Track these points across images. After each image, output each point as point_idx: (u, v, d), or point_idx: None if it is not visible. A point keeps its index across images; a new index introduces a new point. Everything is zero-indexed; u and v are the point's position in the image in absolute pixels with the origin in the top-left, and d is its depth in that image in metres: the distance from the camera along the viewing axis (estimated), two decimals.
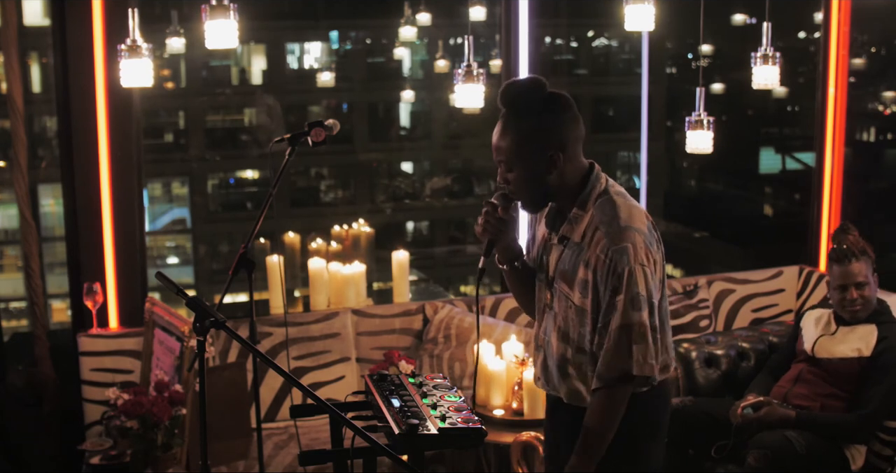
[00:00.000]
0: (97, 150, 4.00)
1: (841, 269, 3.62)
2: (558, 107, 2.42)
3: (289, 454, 3.79)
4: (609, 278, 2.34)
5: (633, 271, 2.32)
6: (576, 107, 2.45)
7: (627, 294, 2.32)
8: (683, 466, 3.73)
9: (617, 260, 2.33)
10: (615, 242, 2.34)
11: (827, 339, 3.69)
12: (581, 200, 2.44)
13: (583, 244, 2.41)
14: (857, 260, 3.60)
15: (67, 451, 4.01)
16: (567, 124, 2.42)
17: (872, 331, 3.61)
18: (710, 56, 15.67)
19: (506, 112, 2.43)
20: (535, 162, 2.40)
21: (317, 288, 4.61)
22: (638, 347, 2.34)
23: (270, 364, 2.13)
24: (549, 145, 2.39)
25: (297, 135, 2.88)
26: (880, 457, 3.58)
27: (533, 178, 2.42)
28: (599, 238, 2.37)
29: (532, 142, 2.39)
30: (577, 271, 2.41)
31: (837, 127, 5.09)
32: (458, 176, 19.16)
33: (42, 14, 14.07)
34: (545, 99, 2.41)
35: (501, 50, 4.63)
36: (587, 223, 2.41)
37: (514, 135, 2.40)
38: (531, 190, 2.44)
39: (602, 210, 2.40)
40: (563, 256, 2.46)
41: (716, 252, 17.54)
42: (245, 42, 18.48)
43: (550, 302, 2.52)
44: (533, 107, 2.40)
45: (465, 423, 2.38)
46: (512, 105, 2.42)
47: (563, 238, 2.46)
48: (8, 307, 16.79)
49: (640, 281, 2.33)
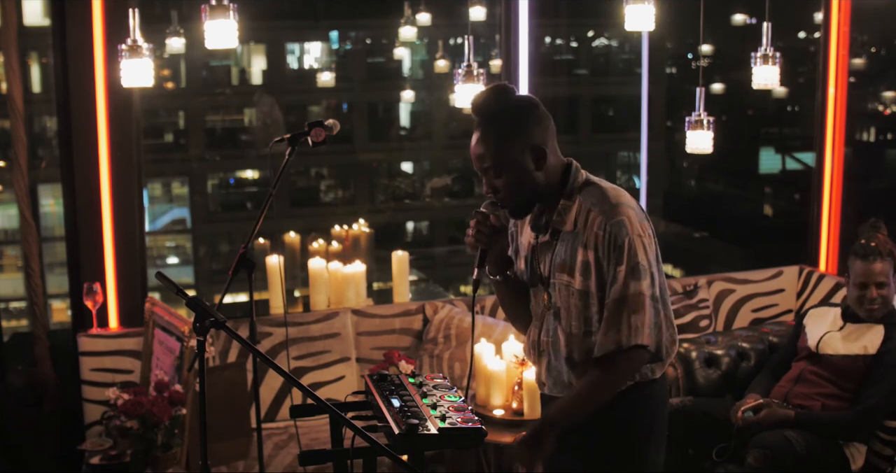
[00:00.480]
0: (97, 150, 4.00)
1: (865, 266, 3.60)
2: (527, 106, 2.46)
3: (289, 454, 3.79)
4: (611, 252, 2.37)
5: (633, 242, 2.36)
6: (542, 105, 2.49)
7: (628, 263, 2.35)
8: (683, 466, 3.73)
9: (616, 232, 2.36)
10: (611, 217, 2.38)
11: (833, 336, 3.68)
12: (567, 192, 2.46)
13: (577, 230, 2.43)
14: (882, 260, 3.58)
15: (67, 451, 4.01)
16: (542, 120, 2.45)
17: (879, 331, 3.61)
18: (710, 56, 15.68)
19: (480, 120, 2.46)
20: (522, 162, 2.42)
21: (317, 288, 4.61)
22: (635, 316, 2.35)
23: (270, 364, 2.13)
24: (532, 141, 2.42)
25: (297, 135, 2.88)
26: (880, 457, 3.58)
27: (523, 178, 2.43)
28: (594, 217, 2.40)
29: (515, 140, 2.42)
30: (577, 256, 2.42)
31: (837, 127, 5.09)
32: (459, 176, 19.16)
33: (42, 14, 14.07)
34: (515, 100, 2.46)
35: (501, 50, 4.63)
36: (576, 210, 2.44)
37: (496, 138, 2.42)
38: (521, 192, 2.46)
39: (590, 194, 2.44)
40: (557, 250, 2.47)
41: (716, 252, 17.54)
42: (245, 42, 18.49)
43: (549, 301, 2.52)
44: (507, 109, 2.43)
45: (465, 423, 2.38)
46: (485, 111, 2.45)
47: (555, 232, 2.48)
48: (8, 307, 16.79)
49: (639, 251, 2.36)
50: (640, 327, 2.35)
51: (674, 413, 3.70)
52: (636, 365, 2.42)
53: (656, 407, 2.54)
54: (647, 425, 2.52)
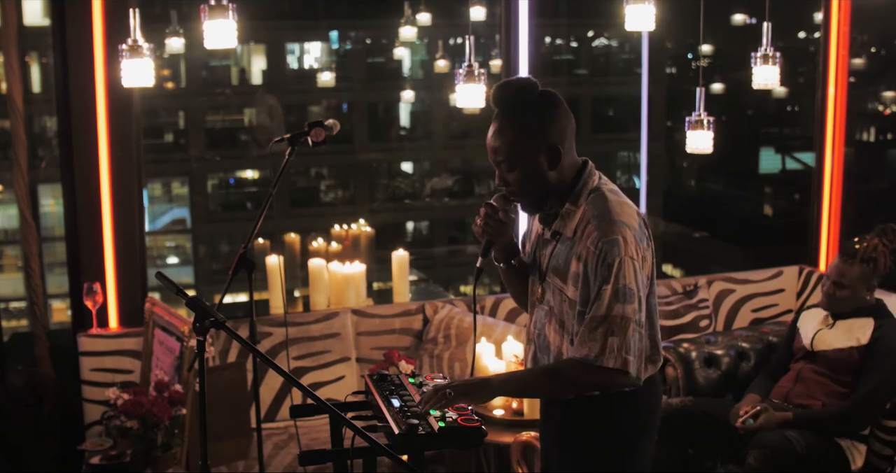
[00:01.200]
0: (97, 150, 4.00)
1: (836, 263, 3.68)
2: (551, 102, 2.42)
3: (289, 454, 3.79)
4: (599, 269, 2.34)
5: (623, 263, 2.32)
6: (565, 103, 2.47)
7: (615, 284, 2.32)
8: (683, 466, 3.73)
9: (607, 251, 2.33)
10: (606, 235, 2.34)
11: (825, 332, 3.72)
12: (573, 196, 2.44)
13: (574, 239, 2.41)
14: (854, 265, 3.63)
15: (67, 451, 4.01)
16: (561, 118, 2.43)
17: (869, 323, 3.64)
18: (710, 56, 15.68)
19: (500, 112, 2.43)
20: (536, 159, 2.40)
21: (317, 288, 4.61)
22: (614, 338, 2.32)
23: (270, 364, 2.13)
24: (549, 140, 2.40)
25: (297, 135, 2.88)
26: (880, 457, 3.58)
27: (535, 176, 2.42)
28: (591, 231, 2.37)
29: (532, 138, 2.39)
30: (570, 265, 2.41)
31: (837, 127, 5.09)
32: (461, 177, 19.16)
33: (42, 14, 14.07)
34: (538, 96, 2.42)
35: (501, 50, 4.63)
36: (579, 218, 2.42)
37: (513, 132, 2.39)
38: (533, 189, 2.44)
39: (594, 205, 2.41)
40: (556, 251, 2.46)
41: (716, 252, 17.55)
42: (245, 42, 18.49)
43: (542, 296, 2.52)
44: (528, 105, 2.40)
45: (465, 423, 2.38)
46: (506, 104, 2.42)
47: (556, 233, 2.47)
48: (8, 307, 16.79)
49: (628, 273, 2.33)
50: (615, 350, 2.32)
51: (674, 413, 3.71)
52: (597, 383, 2.38)
53: (648, 408, 2.54)
54: (638, 425, 2.51)
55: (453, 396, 2.37)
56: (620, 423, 2.47)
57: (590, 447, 2.50)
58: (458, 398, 2.38)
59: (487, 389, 2.42)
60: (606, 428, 2.47)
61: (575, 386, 2.41)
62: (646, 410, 2.53)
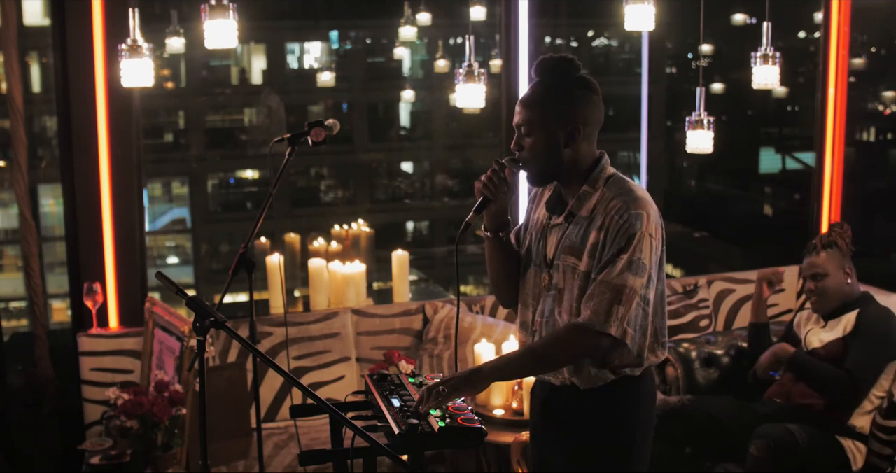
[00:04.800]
0: (97, 150, 4.01)
1: (805, 262, 3.78)
2: (588, 87, 2.47)
3: (289, 454, 3.79)
4: (618, 238, 2.36)
5: (643, 238, 2.36)
6: (601, 94, 2.50)
7: (631, 255, 2.35)
8: (683, 466, 3.73)
9: (631, 223, 2.36)
10: (632, 207, 2.38)
11: (815, 331, 3.80)
12: (592, 179, 2.47)
13: (594, 215, 2.43)
14: (819, 253, 3.74)
15: (67, 451, 4.01)
16: (593, 104, 2.47)
17: (853, 314, 3.70)
18: (710, 56, 15.66)
19: (537, 80, 2.49)
20: (555, 132, 2.44)
21: (317, 288, 4.61)
22: (619, 307, 2.34)
23: (270, 364, 2.13)
24: (573, 119, 2.44)
25: (297, 135, 2.88)
26: (880, 457, 3.58)
27: (549, 148, 2.45)
28: (616, 204, 2.40)
29: (558, 112, 2.43)
30: (588, 238, 2.42)
31: (837, 127, 5.10)
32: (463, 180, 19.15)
33: (42, 14, 14.05)
34: (578, 77, 2.47)
35: (501, 50, 4.63)
36: (597, 200, 2.45)
37: (542, 101, 2.44)
38: (544, 159, 2.46)
39: (616, 185, 2.45)
40: (568, 232, 2.47)
41: (716, 252, 17.52)
42: (245, 42, 18.47)
43: (549, 283, 2.51)
44: (564, 80, 2.46)
45: (465, 423, 2.38)
46: (546, 74, 2.47)
47: (570, 215, 2.48)
48: (8, 307, 16.77)
49: (645, 248, 2.36)
50: (618, 319, 2.34)
51: (674, 412, 3.72)
52: (593, 349, 2.39)
53: (644, 403, 2.54)
54: (633, 421, 2.51)
55: (447, 392, 2.38)
56: (613, 421, 2.47)
57: (590, 445, 2.50)
58: (451, 393, 2.39)
59: (478, 377, 2.42)
60: (606, 427, 2.48)
61: (572, 353, 2.41)
62: (645, 408, 2.53)
